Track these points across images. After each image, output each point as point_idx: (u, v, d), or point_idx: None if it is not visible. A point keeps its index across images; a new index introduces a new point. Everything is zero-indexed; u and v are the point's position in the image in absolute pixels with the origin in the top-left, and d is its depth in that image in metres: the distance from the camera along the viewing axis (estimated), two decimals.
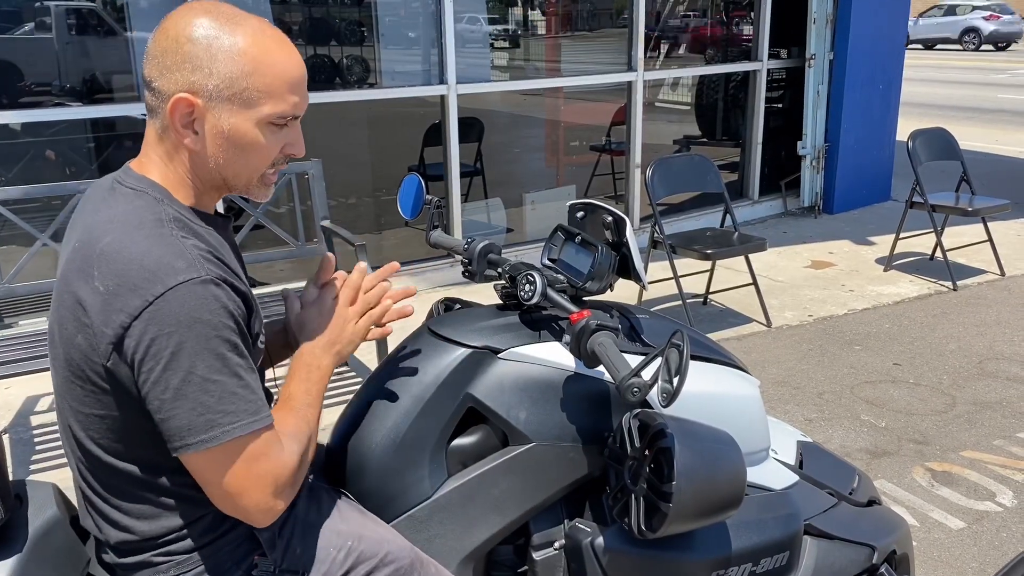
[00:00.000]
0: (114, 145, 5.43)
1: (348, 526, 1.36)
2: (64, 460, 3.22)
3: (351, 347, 1.39)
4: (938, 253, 5.37)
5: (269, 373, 1.54)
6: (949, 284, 5.16)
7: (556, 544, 1.49)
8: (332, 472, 1.51)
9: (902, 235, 5.46)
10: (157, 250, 1.14)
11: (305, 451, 1.26)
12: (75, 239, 1.22)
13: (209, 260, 1.17)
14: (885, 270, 5.49)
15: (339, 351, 1.38)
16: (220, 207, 4.27)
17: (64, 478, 1.65)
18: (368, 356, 4.02)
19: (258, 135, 1.23)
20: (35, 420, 3.56)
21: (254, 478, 1.18)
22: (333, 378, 3.90)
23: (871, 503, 1.84)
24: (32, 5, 5.30)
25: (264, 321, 1.55)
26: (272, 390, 1.53)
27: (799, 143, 6.69)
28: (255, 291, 4.00)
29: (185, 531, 1.25)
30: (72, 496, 1.36)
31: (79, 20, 5.59)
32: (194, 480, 1.21)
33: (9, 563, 1.15)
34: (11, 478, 1.24)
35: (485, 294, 1.87)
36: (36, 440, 3.40)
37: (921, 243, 5.75)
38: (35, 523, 1.22)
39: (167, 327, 1.11)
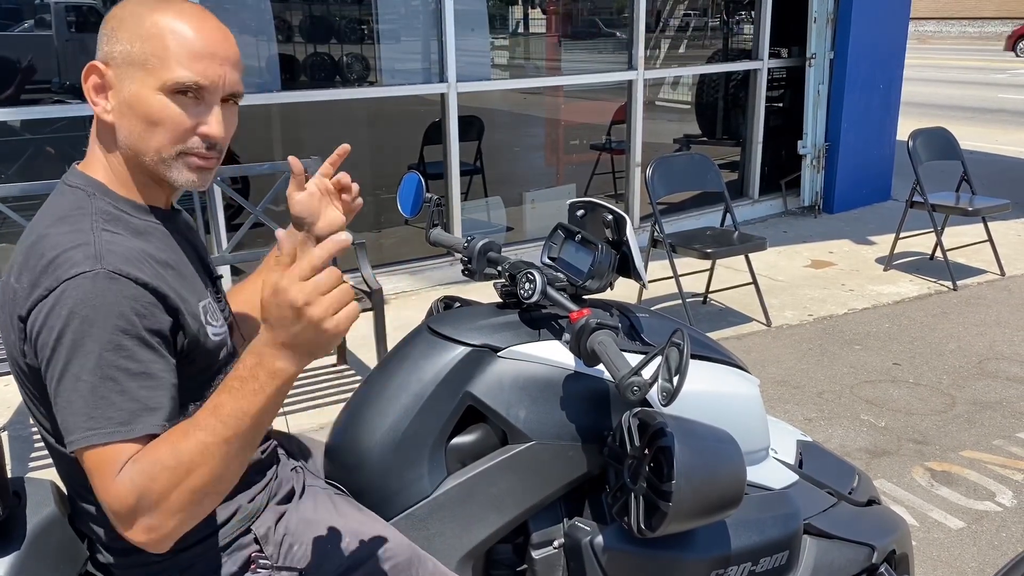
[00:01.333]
0: None
1: (346, 523, 1.35)
2: None
3: (322, 351, 1.03)
4: (938, 253, 5.36)
5: None
6: (949, 284, 5.16)
7: (555, 543, 1.49)
8: (331, 470, 1.51)
9: (902, 235, 5.46)
10: (64, 243, 1.13)
11: (144, 486, 1.03)
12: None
13: (116, 254, 1.12)
14: (885, 270, 5.49)
15: (310, 352, 1.02)
16: (222, 200, 4.27)
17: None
18: (368, 354, 4.02)
19: (159, 104, 1.18)
20: None
21: (103, 493, 1.06)
22: (332, 376, 3.90)
23: (871, 503, 1.84)
24: (32, 2, 5.29)
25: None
26: None
27: (799, 142, 6.68)
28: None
29: None
30: None
31: (79, 17, 5.59)
32: None
33: (7, 560, 1.15)
34: (9, 475, 1.23)
35: (484, 292, 1.87)
36: (35, 437, 3.40)
37: (921, 243, 5.74)
38: (33, 520, 1.21)
39: (51, 320, 1.08)
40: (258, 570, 1.28)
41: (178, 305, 1.18)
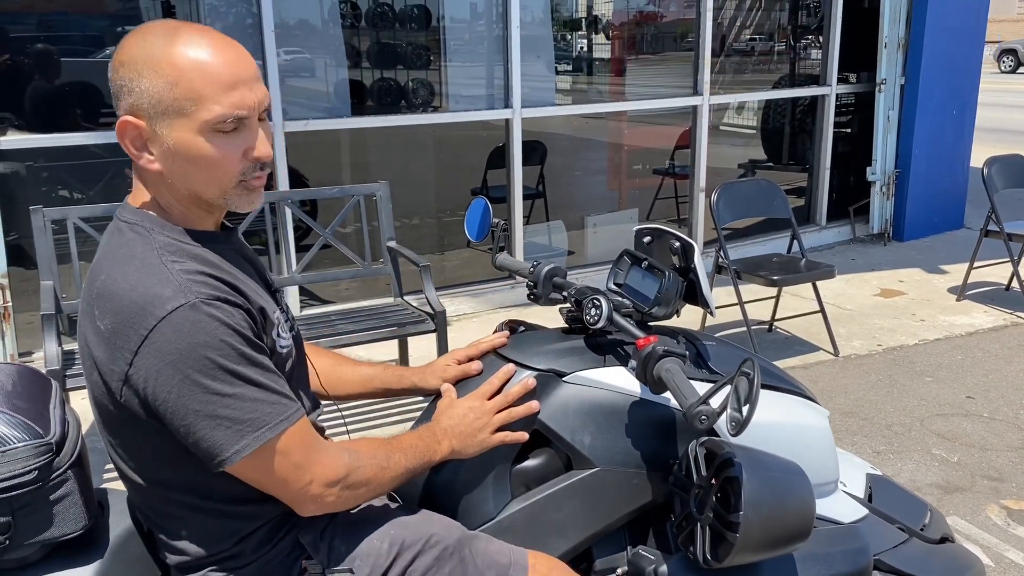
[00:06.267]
0: None
1: (390, 517, 1.37)
2: None
3: (473, 451, 1.43)
4: (1015, 283, 5.20)
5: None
6: None
7: (619, 571, 1.48)
8: (397, 492, 1.53)
9: (976, 264, 5.30)
10: (145, 282, 1.15)
11: (358, 467, 1.27)
12: (85, 280, 1.26)
13: (198, 282, 1.17)
14: (958, 300, 5.34)
15: (460, 450, 1.42)
16: (274, 220, 4.36)
17: None
18: None
19: (205, 145, 1.18)
20: None
21: (290, 470, 1.20)
22: (399, 398, 3.94)
23: (943, 540, 1.79)
24: (114, 30, 5.52)
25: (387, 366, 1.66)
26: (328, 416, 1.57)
27: (868, 169, 6.56)
28: (321, 308, 4.02)
29: (239, 546, 1.28)
30: None
31: None
32: (238, 496, 1.24)
33: (92, 568, 1.20)
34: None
35: (546, 316, 1.88)
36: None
37: (996, 273, 5.57)
38: (115, 531, 1.26)
39: (168, 356, 1.13)
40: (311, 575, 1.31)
41: (259, 317, 1.25)
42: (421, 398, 2.86)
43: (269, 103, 1.24)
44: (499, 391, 1.47)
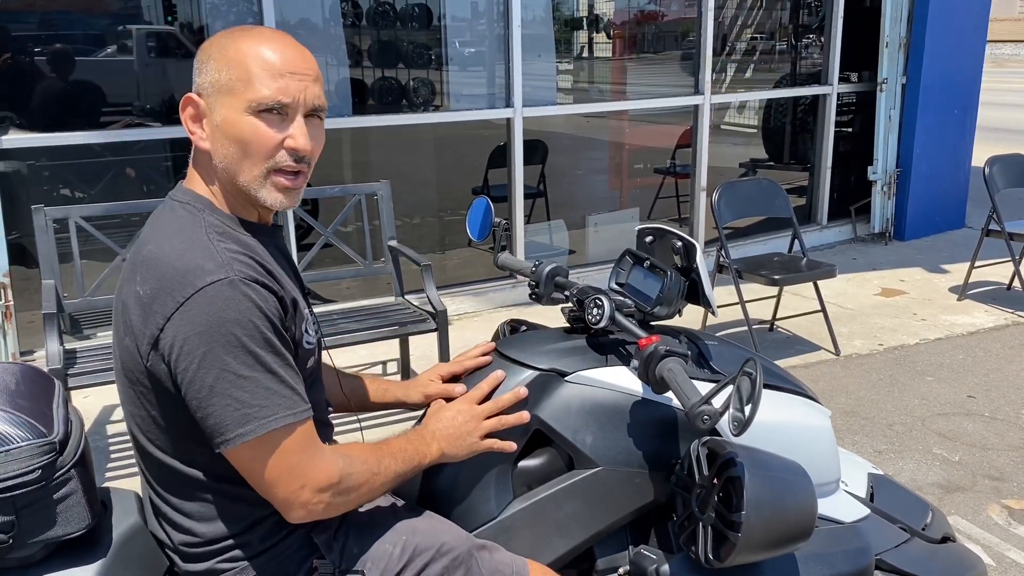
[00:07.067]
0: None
1: (402, 522, 1.39)
2: (137, 469, 3.31)
3: (462, 454, 1.42)
4: (1016, 283, 5.19)
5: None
6: None
7: (621, 570, 1.49)
8: (399, 492, 1.53)
9: (977, 264, 5.30)
10: (190, 253, 1.21)
11: (350, 473, 1.27)
12: (130, 251, 1.31)
13: (241, 261, 1.22)
14: (959, 299, 5.34)
15: (450, 453, 1.41)
16: (298, 217, 4.36)
17: (138, 486, 1.70)
18: None
19: (248, 125, 1.25)
20: (111, 429, 3.68)
21: (285, 470, 1.21)
22: None
23: (945, 540, 1.79)
24: (115, 29, 5.53)
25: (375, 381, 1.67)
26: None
27: (870, 168, 6.56)
28: (322, 307, 4.02)
29: (246, 535, 1.29)
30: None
31: (159, 43, 5.80)
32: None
33: (95, 567, 1.20)
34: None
35: (547, 316, 1.88)
36: (111, 449, 3.51)
37: (998, 272, 5.57)
38: (118, 529, 1.27)
39: (198, 327, 1.16)
40: (321, 575, 1.31)
41: (291, 310, 1.28)
42: None
43: (323, 107, 1.31)
44: (488, 396, 1.47)
